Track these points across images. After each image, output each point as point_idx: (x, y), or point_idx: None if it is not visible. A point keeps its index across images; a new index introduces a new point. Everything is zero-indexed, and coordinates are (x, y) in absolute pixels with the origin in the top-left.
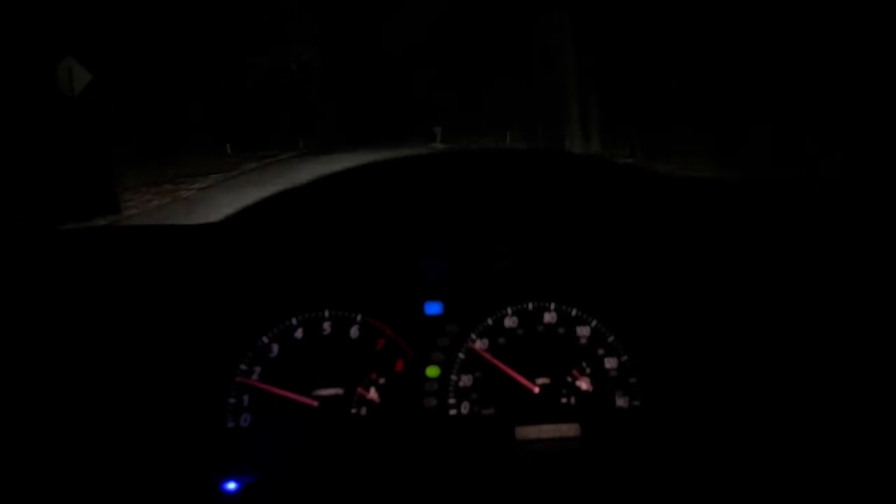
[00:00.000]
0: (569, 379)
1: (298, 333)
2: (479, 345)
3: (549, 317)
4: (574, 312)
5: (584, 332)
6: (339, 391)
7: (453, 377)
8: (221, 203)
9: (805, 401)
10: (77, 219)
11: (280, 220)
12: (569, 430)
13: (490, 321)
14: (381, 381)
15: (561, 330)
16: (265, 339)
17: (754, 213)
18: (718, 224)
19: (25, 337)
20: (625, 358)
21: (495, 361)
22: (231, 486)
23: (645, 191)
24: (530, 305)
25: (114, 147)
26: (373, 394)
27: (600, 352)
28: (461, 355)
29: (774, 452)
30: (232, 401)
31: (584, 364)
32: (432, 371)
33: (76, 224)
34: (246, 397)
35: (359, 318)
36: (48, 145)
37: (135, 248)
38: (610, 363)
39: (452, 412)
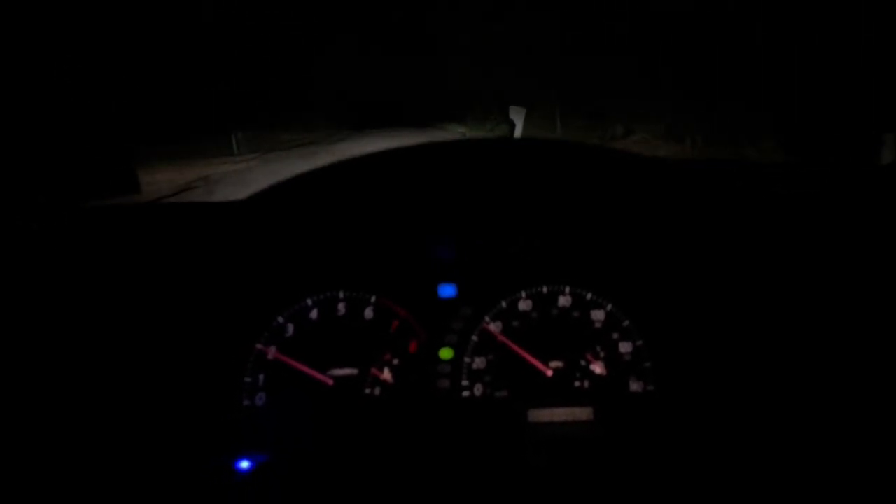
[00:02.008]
0: (583, 363)
1: (313, 314)
2: (493, 327)
3: (563, 300)
4: (589, 296)
5: (598, 316)
6: (353, 371)
7: (467, 359)
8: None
9: (818, 387)
10: (96, 197)
11: (298, 203)
12: (582, 413)
13: (504, 304)
14: (395, 362)
15: (575, 314)
16: (281, 319)
17: (770, 200)
18: (734, 210)
19: (46, 311)
20: (639, 342)
21: (509, 343)
22: (244, 464)
23: (661, 178)
24: (545, 289)
25: (136, 127)
26: (386, 374)
27: (615, 336)
28: (475, 338)
29: (787, 438)
30: (248, 379)
31: (598, 348)
32: (446, 353)
33: (96, 202)
34: (261, 376)
35: (373, 299)
36: (67, 124)
37: (153, 226)
38: (624, 347)
39: (465, 394)
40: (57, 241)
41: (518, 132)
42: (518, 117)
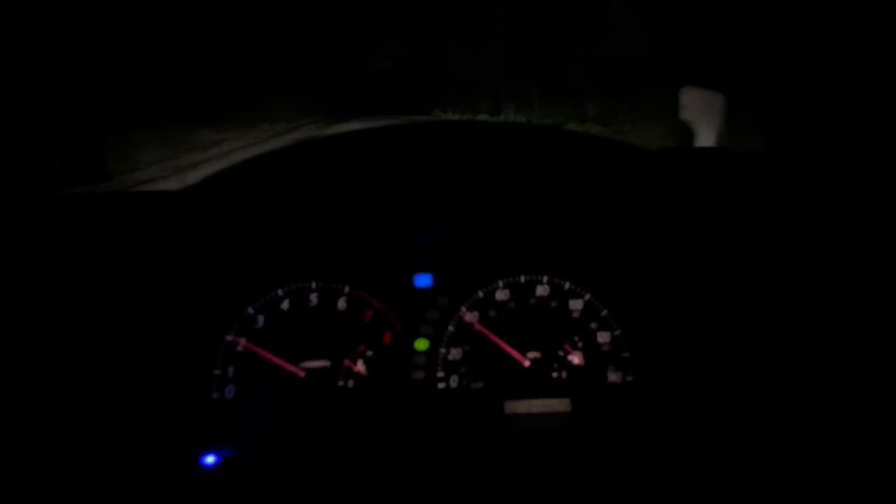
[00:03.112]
0: (560, 353)
1: (285, 304)
2: (470, 317)
3: (541, 290)
4: (567, 286)
5: (576, 305)
6: (325, 363)
7: (442, 350)
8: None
9: (797, 378)
10: (65, 184)
11: (261, 187)
12: (559, 405)
13: (481, 294)
14: (369, 353)
15: (553, 303)
16: (251, 310)
17: (753, 188)
18: (717, 199)
19: (9, 304)
20: (618, 332)
21: (486, 332)
22: (210, 459)
23: (640, 165)
24: (522, 278)
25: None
26: (360, 366)
27: (593, 326)
28: (451, 328)
29: (767, 429)
30: (217, 371)
31: (576, 338)
32: (421, 344)
33: (63, 190)
34: (231, 368)
35: (346, 289)
36: (35, 110)
37: (117, 215)
38: (603, 337)
39: (441, 385)
40: (20, 232)
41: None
42: (702, 113)
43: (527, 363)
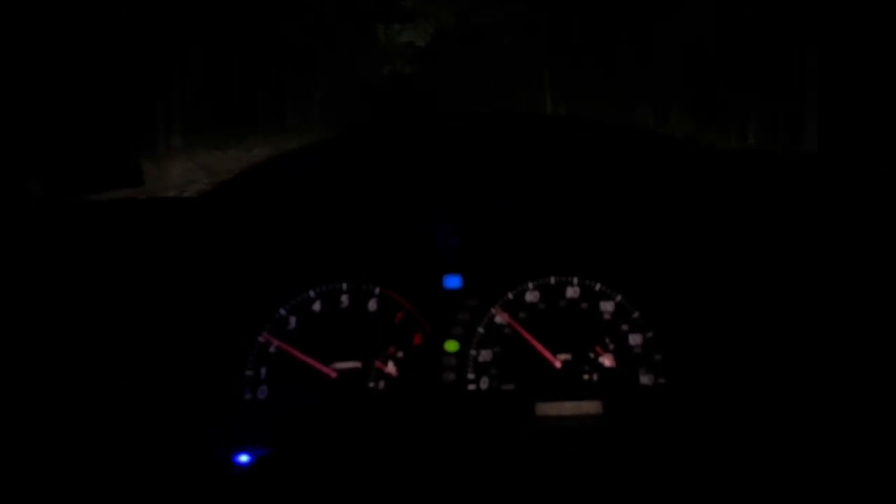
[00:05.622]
0: (591, 355)
1: (316, 306)
2: (500, 319)
3: (571, 291)
4: (598, 287)
5: (607, 307)
6: (356, 364)
7: (472, 352)
8: None
9: (831, 382)
10: (97, 188)
11: (287, 186)
12: (590, 407)
13: (511, 295)
14: (399, 354)
15: (584, 305)
16: (283, 311)
17: (788, 190)
18: (750, 200)
19: (43, 307)
20: (650, 334)
21: (520, 331)
22: (243, 458)
23: (675, 163)
24: (553, 279)
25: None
26: (390, 368)
27: (624, 328)
28: (481, 330)
29: (799, 434)
30: (249, 373)
31: (607, 340)
32: (451, 345)
33: (95, 193)
34: (263, 369)
35: (377, 290)
36: (69, 109)
37: (149, 220)
38: (634, 340)
39: (471, 387)
40: (56, 235)
41: None
42: None
43: (558, 364)
